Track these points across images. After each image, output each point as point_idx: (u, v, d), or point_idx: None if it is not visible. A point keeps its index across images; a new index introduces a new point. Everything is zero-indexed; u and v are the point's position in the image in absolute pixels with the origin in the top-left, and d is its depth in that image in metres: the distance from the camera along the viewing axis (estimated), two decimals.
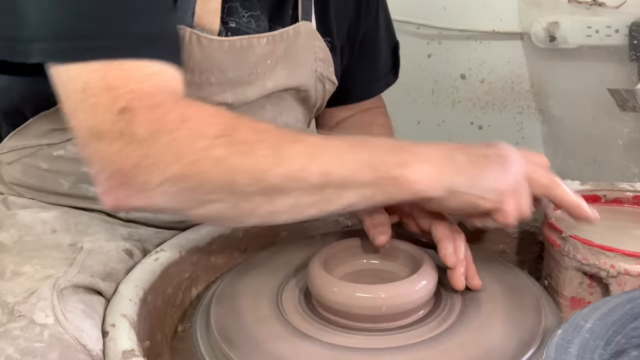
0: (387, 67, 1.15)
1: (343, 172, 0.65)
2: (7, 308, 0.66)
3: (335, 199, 0.66)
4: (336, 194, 0.65)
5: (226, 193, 0.63)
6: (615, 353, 0.59)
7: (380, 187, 0.66)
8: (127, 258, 0.81)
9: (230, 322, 0.73)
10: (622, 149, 1.45)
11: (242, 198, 0.64)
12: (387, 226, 0.79)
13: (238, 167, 0.62)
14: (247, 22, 0.85)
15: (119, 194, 0.62)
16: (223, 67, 0.83)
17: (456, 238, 0.77)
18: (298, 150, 0.64)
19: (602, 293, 0.77)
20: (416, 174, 0.66)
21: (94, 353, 0.64)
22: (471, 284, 0.76)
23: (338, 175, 0.64)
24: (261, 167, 0.62)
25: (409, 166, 0.66)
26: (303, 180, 0.64)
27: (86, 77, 0.62)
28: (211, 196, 0.63)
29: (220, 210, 0.64)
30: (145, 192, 0.61)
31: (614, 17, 1.37)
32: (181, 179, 0.61)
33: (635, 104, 1.32)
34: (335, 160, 0.65)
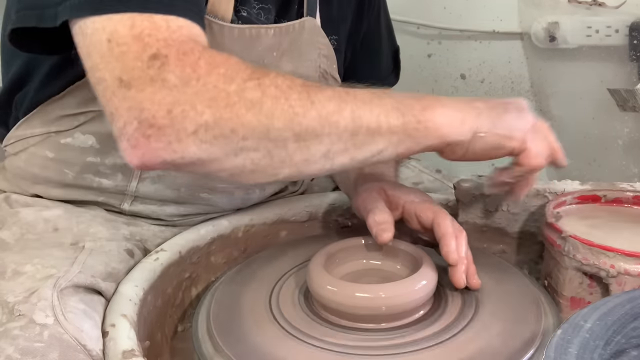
0: (389, 69, 1.15)
1: (373, 116, 0.65)
2: (7, 308, 0.66)
3: (366, 144, 0.66)
4: (367, 139, 0.65)
5: (261, 139, 0.61)
6: (615, 353, 0.59)
7: (407, 132, 0.67)
8: (128, 258, 0.81)
9: (230, 322, 0.73)
10: (622, 149, 1.45)
11: (276, 144, 0.62)
12: (390, 224, 0.80)
13: (272, 111, 0.61)
14: (257, 13, 0.86)
15: (150, 146, 0.59)
16: (232, 55, 0.84)
17: (458, 235, 0.78)
18: (329, 96, 0.64)
19: (602, 293, 0.77)
20: (441, 117, 0.67)
21: (94, 353, 0.64)
22: (470, 283, 0.76)
23: (369, 119, 0.65)
24: (295, 110, 0.62)
25: (433, 109, 0.67)
26: (336, 124, 0.63)
27: (113, 28, 0.60)
28: (246, 143, 0.61)
29: (255, 159, 0.63)
30: (178, 143, 0.59)
31: (614, 17, 1.37)
32: (216, 124, 0.59)
33: (635, 104, 1.31)
34: (365, 106, 0.65)
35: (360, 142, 0.65)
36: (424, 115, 0.67)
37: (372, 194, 0.84)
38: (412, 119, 0.66)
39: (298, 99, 0.62)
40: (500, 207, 0.95)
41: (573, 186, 0.93)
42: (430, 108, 0.67)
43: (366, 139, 0.65)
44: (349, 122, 0.64)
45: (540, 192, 0.93)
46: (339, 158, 0.66)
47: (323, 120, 0.63)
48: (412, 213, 0.82)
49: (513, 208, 0.95)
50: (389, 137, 0.66)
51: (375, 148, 0.66)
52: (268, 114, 0.61)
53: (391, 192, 0.85)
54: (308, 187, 1.10)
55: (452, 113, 0.68)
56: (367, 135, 0.65)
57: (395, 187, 0.87)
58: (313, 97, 0.63)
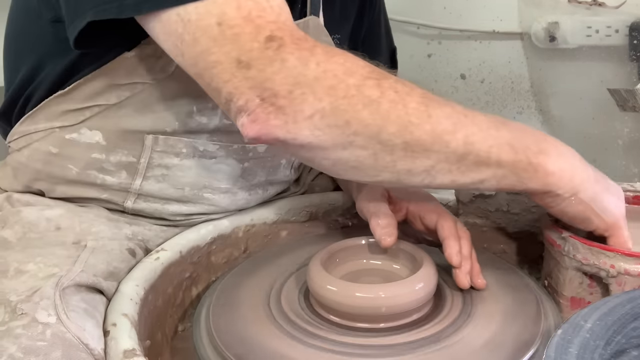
0: (386, 67, 1.15)
1: (485, 146, 0.64)
2: (9, 307, 0.66)
3: (470, 171, 0.65)
4: (473, 166, 0.65)
5: (371, 138, 0.62)
6: (615, 353, 0.59)
7: (515, 170, 0.66)
8: (130, 257, 0.81)
9: (231, 322, 0.73)
10: (622, 149, 1.45)
11: (384, 147, 0.62)
12: (394, 227, 0.80)
13: (388, 114, 0.61)
14: None
15: (268, 122, 0.61)
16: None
17: (462, 237, 0.78)
18: (447, 113, 0.63)
19: (602, 293, 0.77)
20: (554, 165, 0.67)
21: (96, 352, 0.64)
22: (475, 283, 0.77)
23: (480, 148, 0.64)
24: (411, 119, 0.61)
25: (548, 156, 0.67)
26: (447, 144, 0.63)
27: (219, 10, 0.61)
28: (356, 138, 0.61)
29: (360, 156, 0.63)
30: (294, 124, 0.60)
31: (614, 17, 1.37)
32: (332, 113, 0.60)
33: (635, 104, 1.32)
34: (480, 133, 0.64)
35: (465, 168, 0.65)
36: (537, 158, 0.66)
37: (376, 196, 0.84)
38: (524, 159, 0.66)
39: (416, 108, 0.62)
40: (501, 207, 0.95)
41: None
42: (545, 153, 0.67)
43: (472, 167, 0.65)
44: (460, 145, 0.64)
45: None
46: (441, 177, 0.66)
47: (436, 136, 0.62)
48: (416, 215, 0.83)
49: (513, 208, 0.95)
50: (495, 170, 0.66)
51: (478, 177, 0.66)
52: (384, 115, 0.61)
53: (395, 193, 0.85)
54: (309, 187, 1.10)
55: (565, 165, 0.68)
56: (474, 163, 0.65)
57: (399, 188, 0.87)
58: (431, 110, 0.63)
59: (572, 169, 0.69)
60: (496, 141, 0.65)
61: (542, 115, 1.63)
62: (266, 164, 0.94)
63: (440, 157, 0.64)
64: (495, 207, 0.95)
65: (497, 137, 0.65)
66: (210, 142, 0.87)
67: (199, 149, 0.87)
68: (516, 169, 0.66)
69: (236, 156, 0.90)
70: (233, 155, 0.90)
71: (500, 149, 0.65)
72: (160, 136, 0.84)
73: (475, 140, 0.64)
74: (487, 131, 0.65)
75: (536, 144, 0.67)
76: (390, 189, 0.86)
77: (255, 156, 0.92)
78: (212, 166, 0.89)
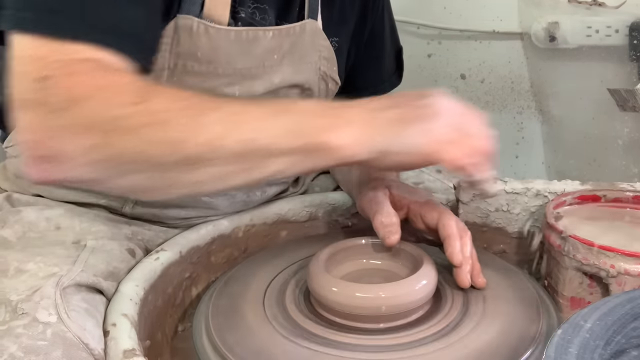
0: (392, 69, 1.14)
1: (266, 138, 0.63)
2: (10, 306, 0.66)
3: (260, 166, 0.64)
4: (261, 161, 0.64)
5: (144, 164, 0.61)
6: (615, 353, 0.59)
7: (306, 153, 0.65)
8: (130, 257, 0.81)
9: (230, 322, 0.73)
10: (622, 149, 1.45)
11: (161, 168, 0.62)
12: (397, 226, 0.79)
13: (153, 138, 0.60)
14: (251, 13, 0.86)
15: (41, 167, 0.60)
16: (230, 58, 0.84)
17: (463, 236, 0.78)
18: (217, 118, 0.62)
19: (602, 293, 0.77)
20: (341, 138, 0.64)
21: (96, 352, 0.64)
22: (476, 282, 0.77)
23: (261, 142, 0.63)
24: (178, 137, 0.60)
25: (334, 131, 0.64)
26: (224, 149, 0.62)
27: (23, 46, 0.61)
28: (130, 166, 0.61)
29: (141, 181, 0.62)
30: (66, 164, 0.59)
31: (614, 17, 1.37)
32: (98, 149, 0.59)
33: (635, 104, 1.32)
34: (257, 127, 0.63)
35: (254, 164, 0.64)
36: (323, 136, 0.64)
37: (378, 194, 0.84)
38: (311, 141, 0.64)
39: (184, 124, 0.61)
40: (501, 207, 0.95)
41: (573, 186, 0.93)
42: (333, 128, 0.64)
43: (260, 161, 0.64)
44: (238, 146, 0.62)
45: (540, 192, 0.93)
46: (233, 179, 0.65)
47: (208, 145, 0.61)
48: (417, 213, 0.83)
49: (513, 208, 0.95)
50: (287, 158, 0.64)
51: (272, 169, 0.65)
52: (152, 139, 0.60)
53: (396, 192, 0.85)
54: (309, 187, 1.10)
55: (355, 132, 0.65)
56: (260, 157, 0.64)
57: (400, 187, 0.87)
58: (200, 121, 0.61)
59: (360, 132, 0.65)
60: (277, 131, 0.63)
61: (542, 115, 1.63)
62: None
63: (222, 162, 0.63)
64: (495, 207, 0.95)
65: (277, 127, 0.63)
66: None
67: None
68: (306, 152, 0.64)
69: None
70: None
71: (284, 138, 0.63)
72: None
73: (254, 137, 0.62)
74: (265, 123, 0.63)
75: (322, 122, 0.65)
76: (393, 187, 0.86)
77: None
78: None
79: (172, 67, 0.81)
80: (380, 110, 0.67)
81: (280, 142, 0.63)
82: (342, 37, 1.00)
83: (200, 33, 0.80)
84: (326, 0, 0.95)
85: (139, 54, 0.65)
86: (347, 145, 0.64)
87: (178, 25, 0.79)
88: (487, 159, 0.67)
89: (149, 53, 0.68)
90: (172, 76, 0.81)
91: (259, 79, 0.88)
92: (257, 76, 0.87)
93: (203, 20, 0.80)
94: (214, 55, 0.82)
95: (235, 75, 0.85)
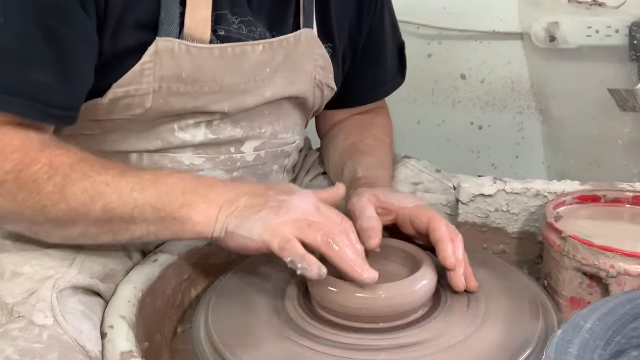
0: (394, 69, 1.12)
1: (127, 210, 0.71)
2: (6, 309, 0.66)
3: (125, 230, 0.72)
4: (124, 226, 0.72)
5: (15, 220, 0.72)
6: (615, 353, 0.59)
7: (164, 225, 0.72)
8: (127, 259, 0.81)
9: (230, 323, 0.73)
10: (622, 149, 1.45)
11: (33, 224, 0.72)
12: (377, 229, 0.78)
13: (23, 202, 0.69)
14: (237, 28, 0.85)
15: None
16: (216, 75, 0.83)
17: (454, 239, 0.77)
18: (83, 188, 0.70)
19: (602, 293, 0.77)
20: (197, 215, 0.71)
21: (93, 354, 0.64)
22: (468, 286, 0.76)
23: (122, 212, 0.71)
24: (45, 202, 0.69)
25: (192, 207, 0.71)
26: (86, 215, 0.70)
27: None
28: (10, 220, 0.73)
29: (22, 229, 0.74)
30: None
31: (614, 17, 1.37)
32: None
33: (635, 104, 1.31)
34: (119, 199, 0.70)
35: (118, 228, 0.72)
36: (181, 212, 0.71)
37: (362, 199, 0.83)
38: (169, 215, 0.71)
39: (51, 191, 0.69)
40: (501, 207, 0.95)
41: (573, 186, 0.93)
42: (189, 205, 0.71)
43: (123, 226, 0.72)
44: (100, 214, 0.71)
45: (540, 192, 0.93)
46: (100, 238, 0.74)
47: (72, 211, 0.70)
48: (406, 218, 0.81)
49: (513, 208, 0.95)
50: (146, 227, 0.72)
51: (135, 234, 0.73)
52: (19, 204, 0.70)
53: (384, 198, 0.84)
54: (307, 186, 1.10)
55: (211, 212, 0.72)
56: (123, 223, 0.72)
57: (389, 192, 0.86)
58: (67, 190, 0.70)
59: (217, 212, 0.72)
60: (138, 203, 0.71)
61: (542, 115, 1.63)
62: (257, 172, 0.94)
63: (87, 224, 0.72)
64: (495, 207, 0.95)
65: (139, 199, 0.71)
66: (195, 155, 0.88)
67: (185, 162, 0.87)
68: (165, 224, 0.72)
69: (224, 167, 0.90)
70: (220, 167, 0.90)
71: (143, 210, 0.71)
72: (145, 153, 0.85)
73: (115, 207, 0.70)
74: (127, 195, 0.71)
75: (182, 198, 0.72)
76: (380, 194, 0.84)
77: (244, 165, 0.92)
78: None
79: (157, 89, 0.81)
80: (242, 194, 0.73)
81: (143, 213, 0.71)
82: (337, 42, 0.98)
83: (182, 54, 0.80)
84: (320, 5, 0.94)
85: (41, 116, 0.72)
86: (201, 223, 0.72)
87: (158, 48, 0.79)
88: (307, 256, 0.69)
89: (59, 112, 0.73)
90: (157, 98, 0.81)
91: (249, 93, 0.87)
92: (247, 91, 0.87)
93: (184, 40, 0.80)
94: (199, 74, 0.82)
95: (223, 92, 0.85)
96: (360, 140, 1.03)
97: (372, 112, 1.14)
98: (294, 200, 0.73)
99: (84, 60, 0.75)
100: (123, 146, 0.85)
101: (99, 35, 0.76)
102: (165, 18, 0.79)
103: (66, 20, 0.71)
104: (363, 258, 0.71)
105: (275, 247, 0.69)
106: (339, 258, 0.69)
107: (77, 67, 0.74)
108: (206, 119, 0.87)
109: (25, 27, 0.69)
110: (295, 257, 0.68)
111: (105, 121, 0.83)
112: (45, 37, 0.70)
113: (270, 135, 0.94)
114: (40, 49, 0.70)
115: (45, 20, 0.70)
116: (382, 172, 0.96)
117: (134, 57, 0.79)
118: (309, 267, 0.68)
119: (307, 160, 1.14)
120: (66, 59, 0.72)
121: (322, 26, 0.96)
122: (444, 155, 1.69)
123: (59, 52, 0.71)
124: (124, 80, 0.79)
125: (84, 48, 0.74)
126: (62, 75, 0.72)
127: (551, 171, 1.64)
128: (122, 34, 0.77)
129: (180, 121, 0.85)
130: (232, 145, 0.90)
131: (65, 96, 0.73)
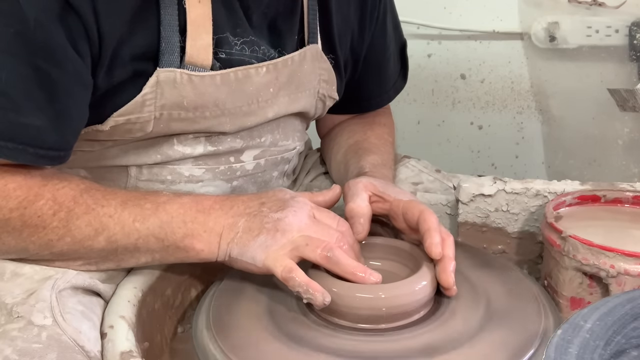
0: (396, 72, 1.11)
1: (131, 240, 0.73)
2: (5, 309, 0.66)
3: (130, 258, 0.75)
4: (128, 256, 0.74)
5: (19, 254, 0.73)
6: (615, 353, 0.59)
7: (168, 252, 0.75)
8: None
9: (230, 323, 0.73)
10: (622, 149, 1.45)
11: (38, 258, 0.73)
12: (367, 217, 0.80)
13: (29, 238, 0.71)
14: (240, 49, 0.84)
15: None
16: (218, 101, 0.83)
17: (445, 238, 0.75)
18: (87, 222, 0.72)
19: (602, 293, 0.77)
20: (200, 244, 0.74)
21: (92, 354, 0.64)
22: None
23: (126, 243, 0.73)
24: (51, 237, 0.71)
25: (194, 236, 0.74)
26: (90, 247, 0.72)
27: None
28: (11, 255, 0.74)
29: (26, 259, 0.74)
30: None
31: (614, 17, 1.37)
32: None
33: (635, 104, 1.31)
34: (121, 230, 0.72)
35: (123, 257, 0.75)
36: (184, 241, 0.74)
37: (358, 185, 0.83)
38: (172, 244, 0.74)
39: (56, 226, 0.71)
40: (501, 207, 0.95)
41: (573, 186, 0.93)
42: (191, 234, 0.74)
43: (128, 255, 0.75)
44: (105, 245, 0.73)
45: (540, 192, 0.93)
46: (106, 266, 0.76)
47: (77, 244, 0.72)
48: (398, 210, 0.81)
49: (513, 208, 0.95)
50: (151, 255, 0.75)
51: (140, 261, 0.76)
52: (25, 239, 0.71)
53: (382, 189, 0.84)
54: (307, 187, 1.10)
55: (213, 240, 0.74)
56: (128, 253, 0.74)
57: (387, 185, 0.86)
58: (71, 224, 0.71)
59: (218, 239, 0.74)
60: (142, 234, 0.73)
61: (542, 115, 1.63)
62: (257, 180, 0.94)
63: (91, 256, 0.74)
64: (495, 207, 0.95)
65: (142, 230, 0.73)
66: (195, 166, 0.87)
67: (185, 174, 0.87)
68: (169, 252, 0.75)
69: (223, 177, 0.90)
70: (220, 177, 0.90)
71: (147, 240, 0.73)
72: (144, 166, 0.85)
73: (118, 239, 0.73)
74: (131, 227, 0.73)
75: (184, 228, 0.74)
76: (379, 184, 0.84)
77: (244, 174, 0.92)
78: (199, 189, 0.89)
79: (158, 116, 0.80)
80: (239, 216, 0.76)
81: (147, 243, 0.74)
82: (338, 52, 0.98)
83: (184, 83, 0.79)
84: (321, 18, 0.93)
85: (34, 159, 0.71)
86: (205, 250, 0.74)
87: (160, 79, 0.78)
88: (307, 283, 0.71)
89: (52, 153, 0.73)
90: (158, 124, 0.81)
91: (251, 115, 0.87)
92: (249, 113, 0.86)
93: (185, 69, 0.79)
94: (201, 101, 0.81)
95: (225, 115, 0.84)
96: (364, 139, 1.03)
97: (375, 112, 1.13)
98: (289, 218, 0.74)
99: (77, 101, 0.73)
100: (122, 161, 0.84)
101: (94, 71, 0.74)
102: (166, 49, 0.78)
103: (57, 62, 0.69)
104: (362, 260, 0.73)
105: (279, 276, 0.72)
106: (340, 270, 0.72)
107: (70, 109, 0.73)
108: (206, 135, 0.86)
109: (15, 70, 0.68)
110: (301, 289, 0.70)
111: (105, 141, 0.82)
112: (37, 79, 0.69)
113: (270, 144, 0.93)
114: (31, 92, 0.69)
115: (36, 62, 0.68)
116: (387, 171, 0.95)
117: (132, 88, 0.78)
118: (313, 297, 0.70)
119: (307, 161, 1.14)
120: (58, 101, 0.71)
121: (324, 39, 0.95)
122: (444, 155, 1.69)
123: (51, 95, 0.70)
124: (125, 110, 0.78)
125: (76, 89, 0.73)
126: (55, 118, 0.71)
127: (551, 171, 1.64)
128: (117, 68, 0.76)
129: (179, 136, 0.85)
130: (231, 155, 0.90)
131: (58, 138, 0.72)
